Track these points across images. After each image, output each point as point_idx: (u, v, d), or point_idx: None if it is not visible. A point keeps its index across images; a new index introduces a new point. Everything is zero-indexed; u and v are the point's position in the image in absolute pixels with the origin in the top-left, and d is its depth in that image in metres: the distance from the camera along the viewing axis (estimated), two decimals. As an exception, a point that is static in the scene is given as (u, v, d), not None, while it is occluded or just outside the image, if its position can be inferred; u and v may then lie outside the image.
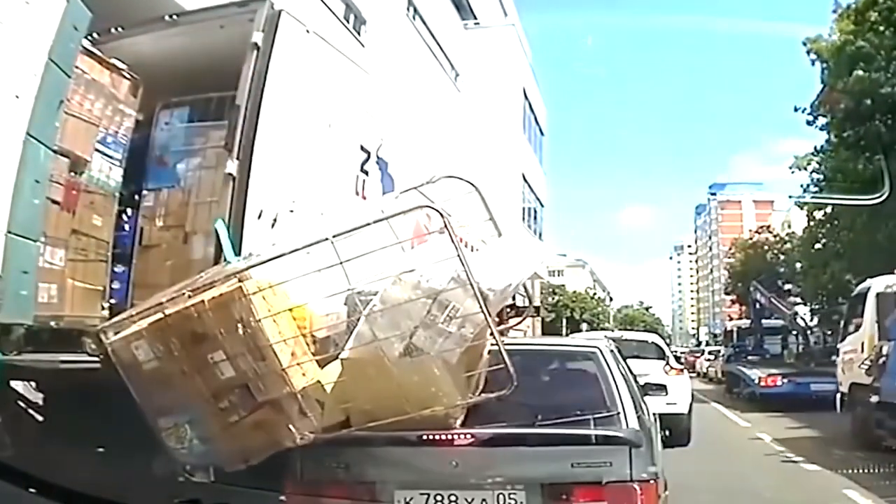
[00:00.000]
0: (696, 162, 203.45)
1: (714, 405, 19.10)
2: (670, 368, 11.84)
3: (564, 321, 56.60)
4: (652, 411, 4.76)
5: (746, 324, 27.53)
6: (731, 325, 33.63)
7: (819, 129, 21.22)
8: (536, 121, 35.30)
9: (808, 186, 23.97)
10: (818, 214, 26.58)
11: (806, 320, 23.66)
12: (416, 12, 21.60)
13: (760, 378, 18.07)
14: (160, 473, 3.63)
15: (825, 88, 20.06)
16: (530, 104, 33.39)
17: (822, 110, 20.51)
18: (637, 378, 4.98)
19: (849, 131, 18.23)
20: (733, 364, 22.81)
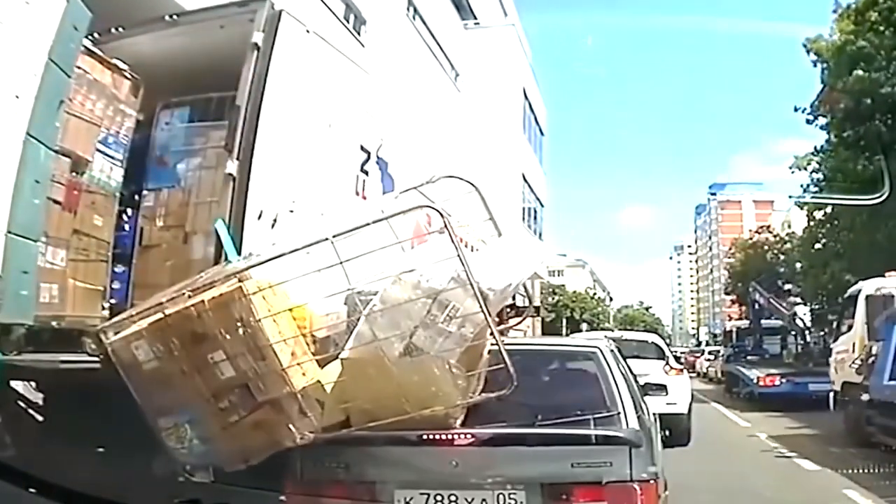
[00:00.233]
0: (696, 162, 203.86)
1: (714, 405, 19.12)
2: (670, 368, 11.83)
3: (564, 321, 56.62)
4: (652, 411, 4.76)
5: (746, 324, 27.60)
6: (731, 326, 33.78)
7: (819, 129, 21.33)
8: (536, 121, 35.30)
9: (808, 186, 24.02)
10: (818, 214, 26.62)
11: (805, 321, 23.70)
12: (416, 12, 21.60)
13: (759, 378, 18.12)
14: (160, 473, 3.63)
15: (825, 88, 20.10)
16: (530, 104, 33.40)
17: (822, 110, 20.54)
18: (637, 378, 4.97)
19: (849, 131, 18.26)
20: (733, 364, 22.84)
